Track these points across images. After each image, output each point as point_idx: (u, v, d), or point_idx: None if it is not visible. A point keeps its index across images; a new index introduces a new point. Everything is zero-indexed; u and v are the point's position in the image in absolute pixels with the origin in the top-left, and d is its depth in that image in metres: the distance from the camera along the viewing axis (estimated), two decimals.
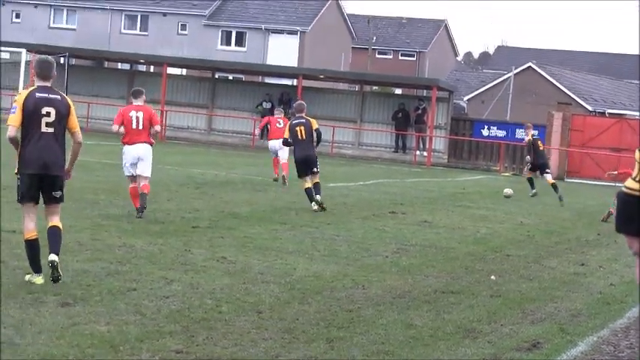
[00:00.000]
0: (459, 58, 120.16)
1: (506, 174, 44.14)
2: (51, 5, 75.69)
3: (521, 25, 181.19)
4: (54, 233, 10.70)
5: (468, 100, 77.29)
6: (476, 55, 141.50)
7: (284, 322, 9.58)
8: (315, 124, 20.43)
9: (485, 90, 75.69)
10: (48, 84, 10.80)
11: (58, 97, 10.83)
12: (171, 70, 51.60)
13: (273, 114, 48.85)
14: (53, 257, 10.41)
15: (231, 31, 73.45)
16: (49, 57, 11.25)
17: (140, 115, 16.88)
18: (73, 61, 51.33)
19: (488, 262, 14.74)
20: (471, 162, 46.58)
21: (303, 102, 21.45)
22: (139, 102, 17.18)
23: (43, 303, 9.55)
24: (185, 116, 50.11)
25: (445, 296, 11.64)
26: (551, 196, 27.37)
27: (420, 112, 47.24)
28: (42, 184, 10.67)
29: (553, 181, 28.61)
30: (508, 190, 27.03)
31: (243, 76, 61.67)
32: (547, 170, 28.72)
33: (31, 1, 75.79)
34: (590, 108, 67.51)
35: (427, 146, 46.26)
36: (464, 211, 22.25)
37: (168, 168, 27.67)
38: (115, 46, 70.89)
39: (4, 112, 43.35)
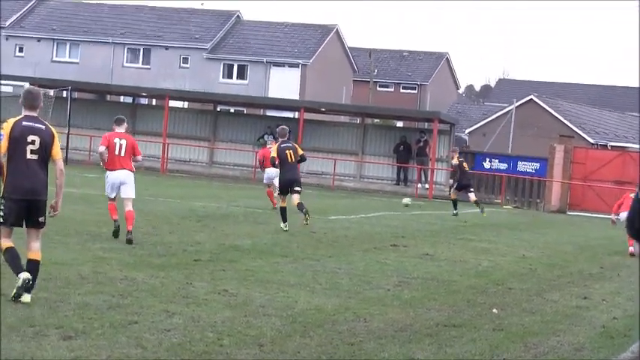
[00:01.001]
0: (461, 91, 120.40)
1: (508, 206, 44.11)
2: (54, 39, 76.00)
3: (523, 57, 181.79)
4: (32, 267, 11.18)
5: (469, 132, 77.32)
6: (477, 88, 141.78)
7: (285, 355, 9.55)
8: (299, 150, 22.19)
9: (487, 123, 75.73)
10: (35, 114, 11.28)
11: (43, 126, 11.26)
12: (173, 103, 51.73)
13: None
14: (26, 276, 10.89)
15: (232, 64, 73.69)
16: (36, 87, 11.89)
17: (123, 142, 17.96)
18: (76, 95, 51.46)
19: (490, 295, 14.70)
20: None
21: (286, 127, 22.66)
22: (121, 129, 18.23)
23: (44, 336, 9.53)
24: (187, 149, 50.18)
25: (447, 330, 11.61)
26: (553, 229, 27.33)
27: (421, 144, 47.31)
28: (27, 209, 11.14)
29: (475, 198, 31.41)
30: (407, 200, 27.49)
31: (244, 109, 61.79)
32: (470, 190, 30.01)
33: (34, 35, 76.11)
34: (592, 141, 67.53)
35: (428, 179, 46.26)
36: (465, 244, 22.22)
37: (169, 201, 27.69)
38: (118, 79, 71.14)
39: None
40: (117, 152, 17.89)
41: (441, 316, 12.46)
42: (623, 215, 24.43)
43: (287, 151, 21.93)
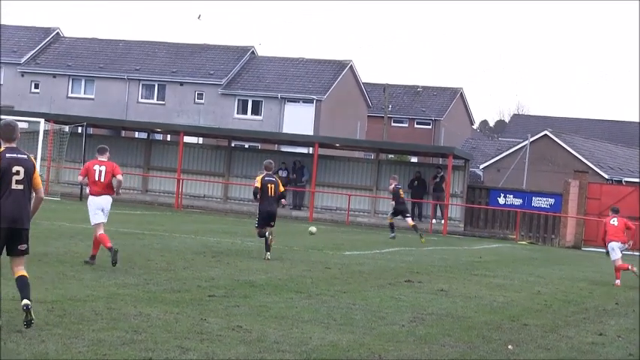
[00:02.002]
0: (475, 126, 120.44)
1: (523, 242, 43.99)
2: (69, 75, 76.40)
3: (537, 92, 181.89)
4: (23, 281, 11.54)
5: (483, 168, 77.32)
6: (492, 123, 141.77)
7: None
8: (281, 187, 23.48)
9: (501, 158, 75.72)
10: (14, 145, 11.71)
11: (25, 156, 11.76)
12: (187, 139, 51.84)
13: (288, 182, 49.24)
14: (26, 302, 11.19)
15: (247, 100, 73.88)
16: (13, 120, 12.19)
17: (103, 169, 18.87)
18: (91, 131, 51.65)
19: (505, 331, 14.64)
20: (487, 230, 46.45)
21: (271, 161, 24.29)
22: (103, 158, 19.10)
23: None
24: (201, 185, 50.23)
25: None
26: (568, 265, 27.23)
27: (438, 179, 47.19)
28: (10, 237, 11.54)
29: (413, 223, 33.26)
30: (312, 228, 27.72)
31: (259, 145, 61.89)
32: (407, 215, 30.23)
33: (49, 72, 76.53)
34: (606, 176, 67.42)
35: (443, 214, 46.18)
36: (480, 280, 22.15)
37: (184, 236, 27.70)
38: (132, 114, 71.41)
39: None
40: (97, 178, 18.81)
41: (456, 353, 12.41)
42: (614, 245, 24.50)
43: (269, 185, 23.07)
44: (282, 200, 24.15)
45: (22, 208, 11.58)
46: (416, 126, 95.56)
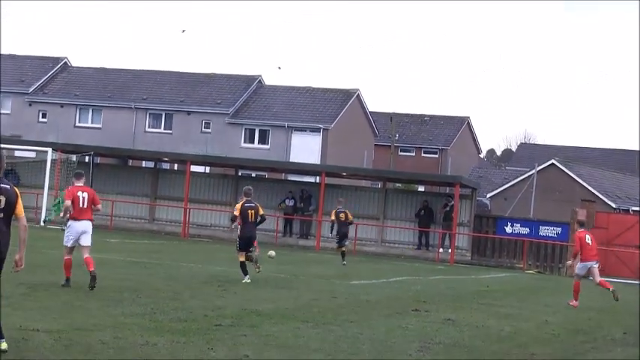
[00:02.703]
0: (482, 155, 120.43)
1: (531, 271, 43.89)
2: (76, 105, 76.60)
3: (544, 121, 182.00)
4: None
5: (490, 197, 77.25)
6: (498, 152, 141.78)
7: None
8: (261, 210, 24.09)
9: (509, 187, 75.67)
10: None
11: (8, 186, 11.77)
12: (194, 168, 51.89)
13: (295, 211, 49.26)
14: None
15: (254, 129, 73.99)
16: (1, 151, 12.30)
17: (85, 195, 19.53)
18: (98, 160, 51.74)
19: None
20: (494, 259, 46.37)
21: (251, 187, 24.92)
22: (80, 183, 19.78)
23: None
24: (208, 214, 50.20)
25: None
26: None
27: (448, 209, 47.04)
28: None
29: (344, 249, 33.64)
30: (271, 252, 28.06)
31: (266, 174, 61.94)
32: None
33: (57, 101, 76.75)
34: (614, 205, 67.32)
35: (451, 243, 46.09)
36: (488, 309, 22.08)
37: (191, 265, 27.68)
38: (140, 144, 71.54)
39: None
40: (80, 204, 19.42)
41: None
42: (591, 265, 24.69)
43: (249, 211, 23.83)
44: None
45: (3, 236, 11.63)
46: (423, 155, 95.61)
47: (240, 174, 54.39)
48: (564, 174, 72.49)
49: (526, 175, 74.56)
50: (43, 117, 76.88)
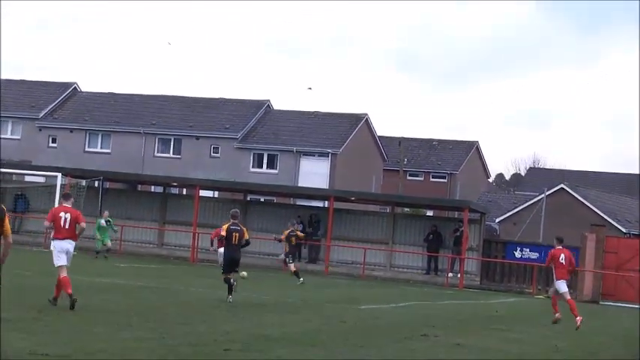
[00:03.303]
0: (491, 180, 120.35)
1: (540, 296, 43.75)
2: (86, 130, 76.82)
3: (553, 145, 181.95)
4: None
5: (499, 221, 77.15)
6: (507, 177, 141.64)
7: None
8: (246, 234, 24.70)
9: (518, 211, 75.59)
10: None
11: None
12: (203, 193, 51.91)
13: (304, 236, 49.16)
14: None
15: (262, 154, 74.09)
16: None
17: (68, 216, 19.70)
18: (107, 185, 51.82)
19: None
20: (503, 284, 46.24)
21: (237, 210, 25.41)
22: (67, 204, 20.04)
23: None
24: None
25: None
26: (586, 319, 27.01)
27: (458, 234, 46.93)
28: None
29: (295, 269, 33.03)
30: (244, 273, 28.40)
31: (274, 198, 61.95)
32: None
33: (66, 126, 76.98)
34: (624, 230, 67.19)
35: (460, 268, 46.00)
36: (497, 334, 22.01)
37: (200, 290, 27.67)
38: (149, 168, 71.65)
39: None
40: (62, 224, 19.62)
41: None
42: (562, 283, 24.77)
43: (234, 233, 24.32)
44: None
45: None
46: (431, 179, 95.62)
47: (248, 199, 54.40)
48: (574, 198, 72.41)
49: (535, 200, 74.50)
50: (52, 142, 77.11)
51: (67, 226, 19.66)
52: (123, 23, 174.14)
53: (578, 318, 24.50)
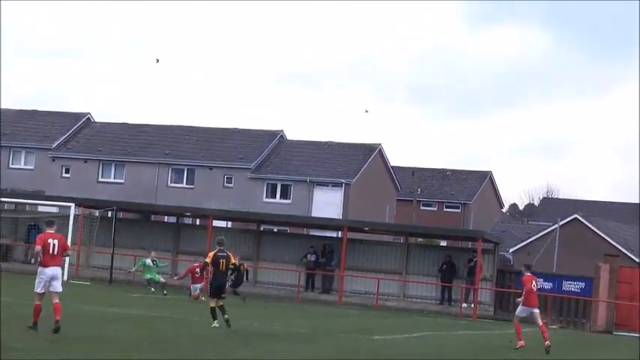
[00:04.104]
0: (504, 210, 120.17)
1: (554, 326, 43.57)
2: (100, 160, 77.02)
3: (567, 175, 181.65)
4: None
5: (513, 251, 76.97)
6: (521, 207, 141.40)
7: None
8: (232, 259, 24.94)
9: (531, 241, 75.41)
10: None
11: None
12: (216, 223, 51.91)
13: (317, 266, 49.17)
14: None
15: (276, 184, 74.13)
16: None
17: (56, 242, 19.88)
18: (120, 215, 51.88)
19: None
20: None
21: (223, 237, 25.85)
22: (52, 230, 20.18)
23: None
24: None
25: None
26: (600, 349, 26.93)
27: (472, 264, 46.77)
28: None
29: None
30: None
31: (288, 228, 61.94)
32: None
33: (80, 157, 77.21)
34: (637, 260, 66.94)
35: (473, 298, 45.81)
36: None
37: (212, 320, 27.59)
38: (162, 198, 71.76)
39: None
40: (51, 251, 19.74)
41: None
42: (524, 310, 25.05)
43: (221, 260, 24.65)
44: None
45: None
46: (445, 210, 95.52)
47: (262, 229, 54.39)
48: (587, 228, 72.22)
49: (549, 230, 74.33)
50: (66, 172, 77.31)
51: (55, 253, 19.82)
52: (136, 53, 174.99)
53: (547, 342, 25.05)
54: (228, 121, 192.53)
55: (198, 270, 38.00)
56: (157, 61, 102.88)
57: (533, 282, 25.63)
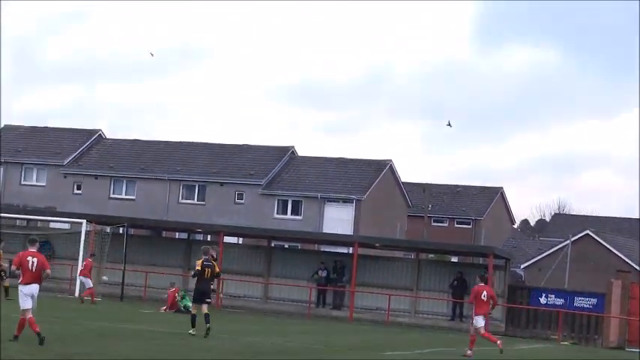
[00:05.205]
0: (516, 226, 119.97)
1: (566, 342, 43.48)
2: (111, 176, 77.19)
3: (578, 191, 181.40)
4: None
5: (524, 267, 76.80)
6: (532, 223, 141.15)
7: None
8: (217, 269, 26.64)
9: (543, 258, 75.24)
10: None
11: None
12: (227, 239, 51.93)
13: (328, 282, 49.12)
14: None
15: (287, 200, 74.16)
16: None
17: (35, 260, 20.10)
18: (132, 231, 51.93)
19: None
20: (528, 330, 45.93)
21: (208, 246, 27.89)
22: (33, 249, 20.43)
23: None
24: (241, 285, 50.08)
25: None
26: None
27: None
28: None
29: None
30: (104, 277, 28.41)
31: (299, 244, 61.93)
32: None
33: (91, 173, 77.40)
34: None
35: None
36: None
37: (224, 337, 27.63)
38: (173, 215, 71.85)
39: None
40: (30, 268, 19.97)
41: None
42: (480, 318, 25.86)
43: (206, 269, 26.32)
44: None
45: None
46: (456, 225, 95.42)
47: (273, 245, 54.39)
48: (599, 244, 72.05)
49: (560, 246, 74.16)
50: (77, 189, 77.50)
51: (33, 270, 20.02)
52: (147, 70, 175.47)
53: (498, 342, 27.02)
54: (239, 137, 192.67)
55: (177, 295, 41.12)
56: (152, 55, 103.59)
57: (484, 292, 26.94)
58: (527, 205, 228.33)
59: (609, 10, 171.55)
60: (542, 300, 46.53)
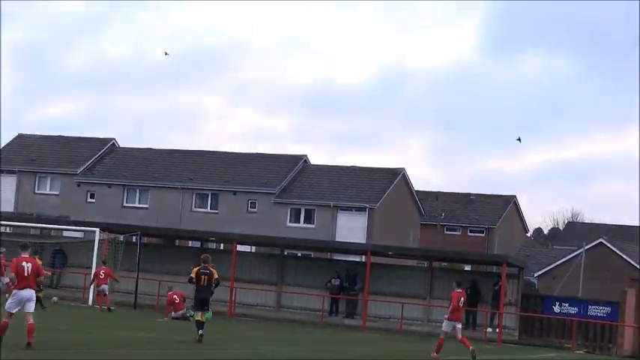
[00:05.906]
0: (529, 234, 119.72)
1: (580, 351, 43.34)
2: (124, 185, 77.30)
3: (592, 199, 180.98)
4: None
5: (538, 276, 76.62)
6: (546, 231, 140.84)
7: None
8: (215, 275, 26.92)
9: (556, 266, 75.06)
10: None
11: None
12: (240, 248, 51.93)
13: (341, 290, 49.08)
14: None
15: (300, 209, 74.13)
16: None
17: (29, 266, 20.19)
18: (145, 240, 51.98)
19: None
20: (542, 339, 45.80)
21: (207, 255, 28.08)
22: (25, 254, 20.44)
23: None
24: (254, 293, 50.05)
25: None
26: None
27: (497, 288, 46.53)
28: None
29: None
30: (55, 298, 28.57)
31: (311, 253, 61.91)
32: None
33: (104, 182, 77.52)
34: None
35: (498, 323, 45.59)
36: None
37: (237, 345, 27.66)
38: (186, 223, 71.89)
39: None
40: (25, 274, 20.05)
41: None
42: (449, 324, 26.24)
43: (202, 276, 26.61)
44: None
45: None
46: (469, 234, 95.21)
47: (285, 253, 54.37)
48: (613, 253, 71.86)
49: (574, 254, 73.98)
50: (91, 197, 77.62)
51: (28, 275, 20.12)
52: (159, 80, 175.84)
53: (471, 348, 27.34)
54: (252, 146, 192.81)
55: (175, 297, 40.16)
56: (166, 54, 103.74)
57: (462, 298, 27.62)
58: (541, 213, 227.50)
59: (624, 19, 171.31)
60: (556, 308, 46.41)
